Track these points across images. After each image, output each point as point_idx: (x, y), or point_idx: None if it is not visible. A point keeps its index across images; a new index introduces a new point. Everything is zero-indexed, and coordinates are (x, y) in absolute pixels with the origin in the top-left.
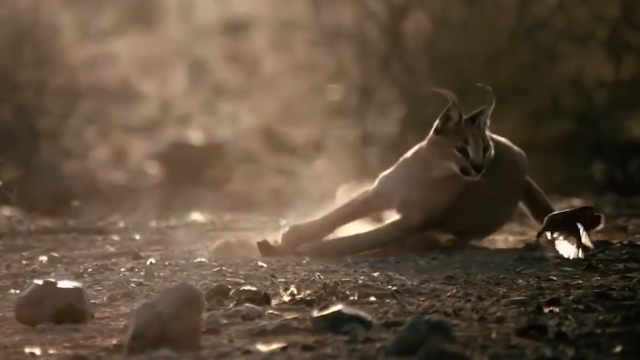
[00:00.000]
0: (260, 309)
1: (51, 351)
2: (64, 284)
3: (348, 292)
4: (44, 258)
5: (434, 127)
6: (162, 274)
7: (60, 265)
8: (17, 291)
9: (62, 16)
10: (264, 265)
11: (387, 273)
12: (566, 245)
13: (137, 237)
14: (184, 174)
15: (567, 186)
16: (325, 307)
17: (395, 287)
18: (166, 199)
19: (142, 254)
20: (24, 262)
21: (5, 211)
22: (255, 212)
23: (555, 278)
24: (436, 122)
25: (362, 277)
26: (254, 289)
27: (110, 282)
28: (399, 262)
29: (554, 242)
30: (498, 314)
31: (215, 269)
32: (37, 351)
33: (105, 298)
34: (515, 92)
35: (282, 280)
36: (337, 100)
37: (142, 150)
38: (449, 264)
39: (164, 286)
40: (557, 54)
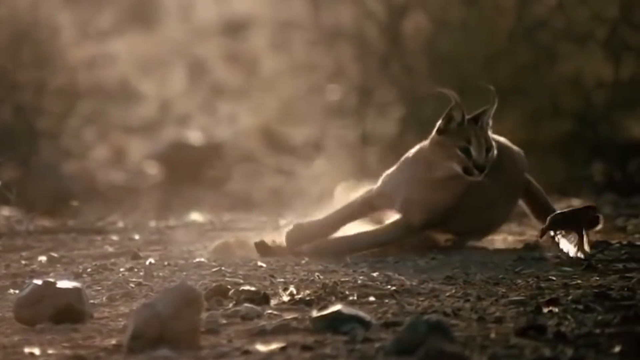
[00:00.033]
0: (259, 309)
1: (50, 351)
2: (63, 284)
3: (347, 292)
4: (43, 258)
5: (437, 127)
6: (161, 274)
7: (59, 265)
8: (17, 291)
9: (61, 16)
10: (263, 265)
11: (386, 273)
12: (568, 242)
13: (137, 237)
14: (183, 174)
15: (567, 186)
16: (325, 307)
17: (394, 287)
18: (165, 199)
19: (141, 254)
20: (23, 262)
21: (5, 211)
22: (255, 212)
23: (554, 278)
24: (439, 122)
25: (361, 277)
26: (253, 289)
27: (110, 282)
28: (398, 262)
29: (557, 241)
30: (497, 314)
31: (215, 269)
32: (36, 351)
33: (104, 298)
34: (515, 92)
35: (282, 280)
36: (336, 100)
37: (142, 150)
38: (448, 264)
39: (163, 286)
40: (556, 54)
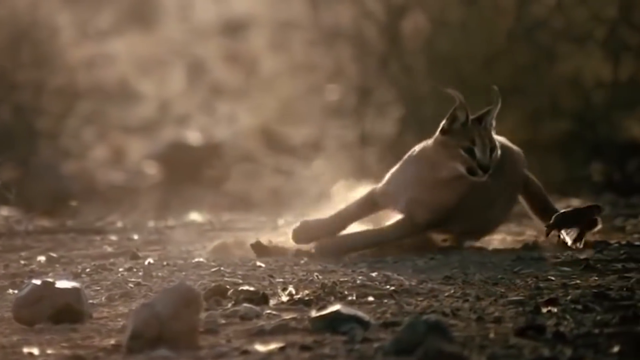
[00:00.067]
0: (258, 309)
1: (49, 351)
2: (62, 284)
3: (346, 292)
4: (42, 258)
5: (441, 127)
6: (160, 274)
7: (58, 265)
8: (15, 291)
9: (60, 16)
10: (262, 265)
11: (385, 273)
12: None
13: (136, 237)
14: (182, 174)
15: (566, 186)
16: (324, 307)
17: (393, 287)
18: (164, 199)
19: (140, 254)
20: (22, 262)
21: (4, 211)
22: (254, 212)
23: (553, 278)
24: (443, 122)
25: (360, 277)
26: (252, 289)
27: (109, 282)
28: (396, 262)
29: (563, 239)
30: (496, 314)
31: (214, 269)
32: (35, 351)
33: (103, 298)
34: (514, 92)
35: (281, 280)
36: (335, 100)
37: (141, 150)
38: (447, 264)
39: (162, 286)
40: (555, 54)
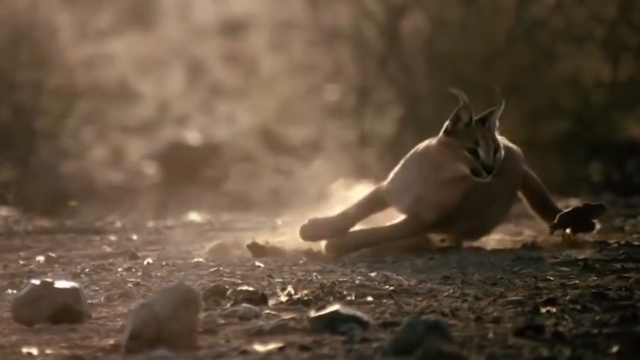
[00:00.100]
0: (257, 309)
1: (48, 351)
2: (61, 284)
3: (345, 292)
4: (41, 258)
5: (444, 128)
6: (159, 274)
7: (57, 265)
8: (15, 291)
9: (59, 16)
10: (261, 265)
11: (384, 273)
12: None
13: (135, 237)
14: (182, 174)
15: (565, 186)
16: (323, 307)
17: (392, 287)
18: (163, 199)
19: (139, 254)
20: (21, 262)
21: (3, 211)
22: (253, 212)
23: (552, 278)
24: (446, 123)
25: (359, 277)
26: (251, 289)
27: (108, 282)
28: (395, 262)
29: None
30: (495, 314)
31: (213, 269)
32: (34, 351)
33: (102, 298)
34: (513, 92)
35: (279, 280)
36: (334, 100)
37: (140, 150)
38: (446, 264)
39: (161, 286)
40: (554, 54)
